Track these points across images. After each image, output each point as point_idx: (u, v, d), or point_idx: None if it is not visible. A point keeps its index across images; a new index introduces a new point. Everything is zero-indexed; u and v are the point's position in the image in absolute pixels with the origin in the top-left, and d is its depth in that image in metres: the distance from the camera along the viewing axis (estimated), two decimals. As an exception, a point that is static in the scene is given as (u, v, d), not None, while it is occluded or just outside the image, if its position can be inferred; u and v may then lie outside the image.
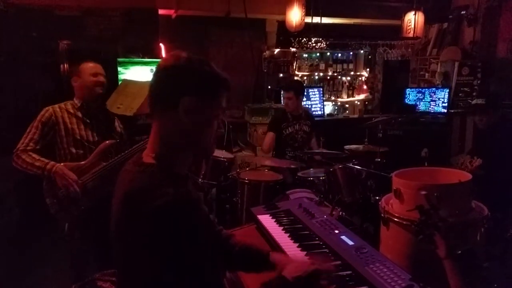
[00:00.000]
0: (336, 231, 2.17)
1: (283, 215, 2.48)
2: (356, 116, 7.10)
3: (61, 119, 2.99)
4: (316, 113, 6.50)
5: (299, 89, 4.65)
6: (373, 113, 7.29)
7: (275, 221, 2.38)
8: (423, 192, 1.80)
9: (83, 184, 2.86)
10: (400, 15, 6.61)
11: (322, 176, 3.93)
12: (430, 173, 2.74)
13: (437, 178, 2.69)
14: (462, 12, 7.06)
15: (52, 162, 2.86)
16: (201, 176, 4.11)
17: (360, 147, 4.65)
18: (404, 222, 2.43)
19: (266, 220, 2.40)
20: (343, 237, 2.10)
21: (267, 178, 4.07)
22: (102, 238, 1.64)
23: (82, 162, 2.91)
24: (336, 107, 7.48)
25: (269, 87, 7.02)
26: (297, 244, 2.07)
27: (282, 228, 2.28)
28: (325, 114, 6.90)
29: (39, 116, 2.98)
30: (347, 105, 7.56)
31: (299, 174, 4.10)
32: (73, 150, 2.99)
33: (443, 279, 1.74)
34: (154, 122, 1.40)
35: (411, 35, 6.50)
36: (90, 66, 3.04)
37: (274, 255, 1.72)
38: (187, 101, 1.33)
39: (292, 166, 4.25)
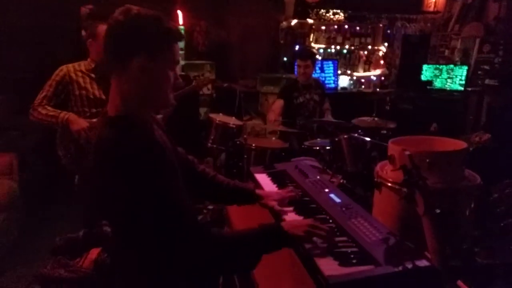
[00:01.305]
0: (326, 190, 2.26)
1: (278, 174, 2.57)
2: (370, 90, 7.08)
3: (74, 78, 3.12)
4: (330, 85, 6.53)
5: (315, 58, 4.74)
6: (389, 88, 7.24)
7: (270, 180, 2.48)
8: (407, 153, 1.87)
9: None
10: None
11: (328, 146, 3.99)
12: (428, 141, 2.79)
13: (434, 146, 2.73)
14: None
15: (66, 112, 3.02)
16: (210, 141, 4.24)
17: (368, 119, 4.67)
18: (396, 187, 2.49)
19: (262, 178, 2.50)
20: (331, 195, 2.19)
21: (273, 145, 4.16)
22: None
23: (95, 120, 3.01)
24: (352, 82, 7.44)
25: (285, 58, 7.03)
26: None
27: (276, 185, 2.38)
28: (339, 87, 6.90)
29: (54, 75, 3.13)
30: (362, 80, 7.51)
31: (306, 143, 4.17)
32: (86, 109, 3.12)
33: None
34: (112, 78, 1.45)
35: (431, 9, 6.40)
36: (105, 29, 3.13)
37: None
38: (139, 60, 1.38)
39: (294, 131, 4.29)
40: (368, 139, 3.80)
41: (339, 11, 6.76)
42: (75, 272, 2.15)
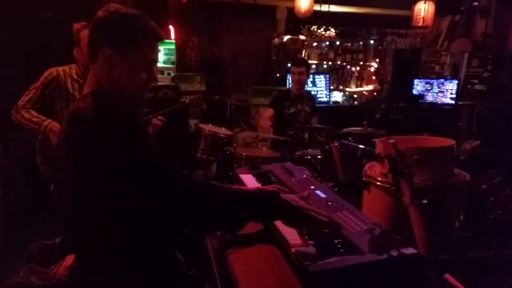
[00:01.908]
0: (312, 187, 2.21)
1: (264, 174, 2.52)
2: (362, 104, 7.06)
3: (63, 83, 3.05)
4: (322, 99, 6.52)
5: (308, 66, 4.74)
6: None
7: (255, 179, 2.42)
8: (391, 141, 1.83)
9: None
10: (410, 6, 6.57)
11: (319, 155, 3.95)
12: (416, 140, 2.77)
13: (422, 144, 2.71)
14: (475, 4, 7.00)
15: (50, 120, 2.94)
16: (199, 152, 4.18)
17: (358, 129, 4.64)
18: (386, 185, 2.45)
19: (247, 178, 2.44)
20: (317, 191, 2.14)
21: (264, 154, 4.10)
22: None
23: None
24: (345, 97, 7.47)
25: (278, 75, 7.05)
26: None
27: (260, 184, 2.32)
28: (331, 101, 6.91)
29: (42, 77, 3.04)
30: (355, 95, 7.54)
31: (297, 153, 4.13)
32: None
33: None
34: (90, 66, 1.55)
35: (420, 24, 6.45)
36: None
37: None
38: (104, 51, 1.46)
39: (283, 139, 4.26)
40: (359, 146, 3.77)
41: (330, 27, 6.79)
42: (48, 280, 2.05)
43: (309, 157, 4.07)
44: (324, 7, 6.09)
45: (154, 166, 1.38)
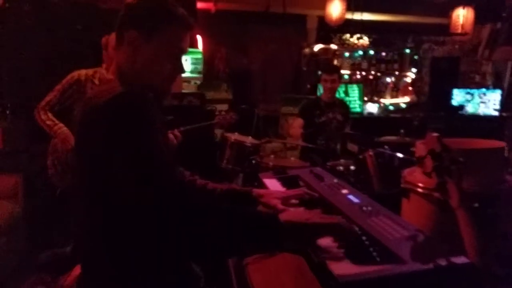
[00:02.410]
0: (344, 191, 1.97)
1: (290, 179, 2.29)
2: (398, 115, 6.76)
3: (83, 88, 3.01)
4: (355, 110, 6.26)
5: (340, 73, 4.55)
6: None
7: (280, 184, 2.20)
8: (435, 134, 1.58)
9: None
10: (448, 13, 6.28)
11: (353, 166, 3.71)
12: (462, 142, 2.49)
13: (469, 146, 2.43)
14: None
15: (61, 125, 2.94)
16: (224, 162, 3.99)
17: (395, 138, 4.35)
18: (428, 192, 2.18)
19: (271, 182, 2.23)
20: (349, 196, 1.90)
21: (292, 164, 3.87)
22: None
23: None
24: (380, 109, 7.16)
25: (308, 86, 6.83)
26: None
27: (285, 188, 2.09)
28: (366, 112, 6.63)
29: (65, 80, 3.08)
30: (391, 107, 7.22)
31: (329, 163, 3.88)
32: None
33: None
34: (115, 54, 1.46)
35: (459, 31, 6.15)
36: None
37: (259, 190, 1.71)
38: (129, 34, 1.38)
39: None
40: (397, 154, 3.51)
41: (363, 35, 6.55)
42: (54, 290, 1.89)
43: (341, 168, 3.82)
44: (357, 15, 5.86)
45: (148, 173, 1.23)
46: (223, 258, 1.37)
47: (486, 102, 6.37)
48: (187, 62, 5.36)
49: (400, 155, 3.45)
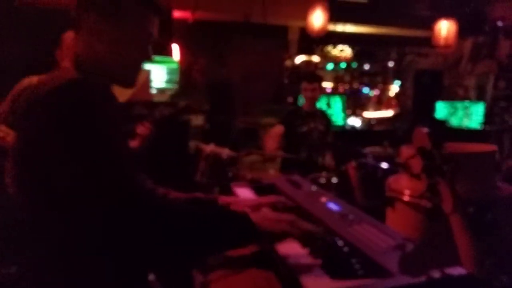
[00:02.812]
0: (323, 199, 1.77)
1: (265, 188, 2.10)
2: (381, 128, 6.64)
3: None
4: (337, 123, 6.11)
5: (321, 82, 4.39)
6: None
7: (253, 193, 2.01)
8: (425, 131, 1.40)
9: None
10: (431, 25, 6.22)
11: (335, 179, 3.55)
12: (452, 147, 2.32)
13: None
14: (499, 24, 6.63)
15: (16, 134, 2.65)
16: (199, 175, 3.78)
17: (379, 149, 4.19)
18: (415, 200, 2.00)
19: (243, 191, 2.04)
20: (329, 204, 1.71)
21: (271, 177, 3.67)
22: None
23: None
24: (363, 123, 7.03)
25: (290, 99, 6.67)
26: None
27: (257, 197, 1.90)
28: (347, 125, 6.50)
29: (14, 88, 2.77)
30: (374, 121, 7.10)
31: (310, 176, 3.70)
32: None
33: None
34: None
35: (442, 44, 6.07)
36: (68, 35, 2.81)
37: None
38: (89, 18, 1.22)
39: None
40: (381, 165, 3.35)
41: (345, 47, 6.44)
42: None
43: (323, 181, 3.66)
44: (339, 27, 5.74)
45: (106, 176, 1.05)
46: (192, 260, 1.24)
47: (470, 115, 6.30)
48: (163, 72, 5.16)
49: (384, 165, 3.31)
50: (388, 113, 7.05)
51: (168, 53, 5.42)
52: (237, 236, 1.19)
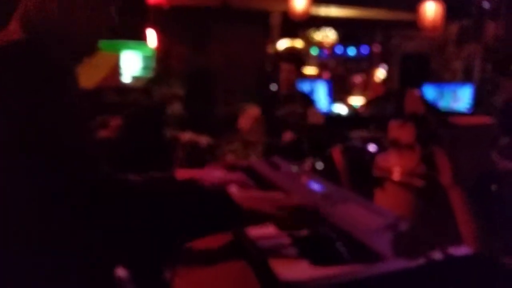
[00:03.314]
0: (304, 179, 1.59)
1: (241, 170, 1.91)
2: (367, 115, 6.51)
3: None
4: (322, 109, 5.96)
5: (300, 61, 4.21)
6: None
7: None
8: (417, 92, 1.22)
9: None
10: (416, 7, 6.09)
11: (320, 164, 3.44)
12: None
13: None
14: (484, 6, 6.56)
15: None
16: (176, 164, 3.64)
17: (365, 133, 4.06)
18: (403, 179, 1.83)
19: (216, 173, 1.84)
20: (310, 184, 1.53)
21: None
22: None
23: None
24: (349, 110, 6.91)
25: (273, 85, 6.50)
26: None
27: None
28: (333, 112, 6.36)
29: None
30: (360, 107, 6.97)
31: (294, 163, 3.56)
32: None
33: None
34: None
35: (429, 26, 5.95)
36: None
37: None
38: None
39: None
40: (370, 147, 3.21)
41: (329, 32, 6.27)
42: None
43: (307, 167, 3.53)
44: (323, 10, 5.56)
45: (68, 152, 0.90)
46: (162, 249, 1.03)
47: (458, 98, 6.23)
48: (138, 60, 4.96)
49: (372, 147, 3.18)
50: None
51: (143, 37, 5.23)
52: (215, 218, 1.02)
